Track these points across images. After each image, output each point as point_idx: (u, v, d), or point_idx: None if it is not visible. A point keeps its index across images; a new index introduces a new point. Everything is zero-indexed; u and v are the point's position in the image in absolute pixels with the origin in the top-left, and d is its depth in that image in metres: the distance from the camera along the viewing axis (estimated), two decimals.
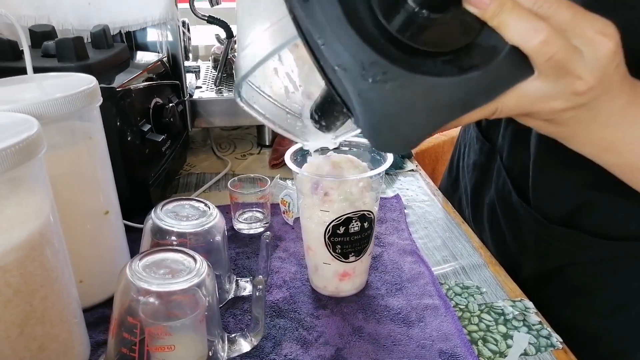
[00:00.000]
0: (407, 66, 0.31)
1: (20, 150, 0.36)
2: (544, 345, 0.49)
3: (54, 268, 0.41)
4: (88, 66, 0.63)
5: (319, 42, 0.31)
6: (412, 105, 0.32)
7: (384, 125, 0.32)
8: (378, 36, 0.31)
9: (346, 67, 0.31)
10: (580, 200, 0.53)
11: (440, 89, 0.32)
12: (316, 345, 0.49)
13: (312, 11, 0.30)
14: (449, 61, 0.32)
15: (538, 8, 0.31)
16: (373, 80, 0.31)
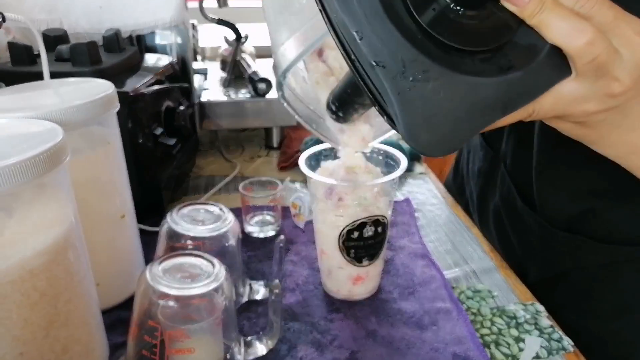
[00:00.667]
0: (448, 64, 0.30)
1: (47, 158, 0.36)
2: (556, 348, 0.50)
3: (77, 272, 0.42)
4: (102, 71, 0.64)
5: (356, 36, 0.30)
6: (453, 106, 0.31)
7: (425, 127, 0.31)
8: (415, 32, 0.30)
9: (385, 64, 0.30)
10: (583, 206, 0.54)
11: (483, 90, 0.31)
12: (331, 348, 0.50)
13: (348, 2, 0.29)
14: (487, 60, 0.32)
15: (580, 7, 0.31)
16: (414, 79, 0.30)
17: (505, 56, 0.32)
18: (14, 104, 0.47)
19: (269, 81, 0.91)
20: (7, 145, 0.38)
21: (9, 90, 0.51)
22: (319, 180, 0.51)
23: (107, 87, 0.50)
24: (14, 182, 0.35)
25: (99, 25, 0.77)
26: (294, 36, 0.43)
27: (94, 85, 0.51)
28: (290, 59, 0.42)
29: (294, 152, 0.91)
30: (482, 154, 0.69)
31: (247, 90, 0.97)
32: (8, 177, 0.34)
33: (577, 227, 0.55)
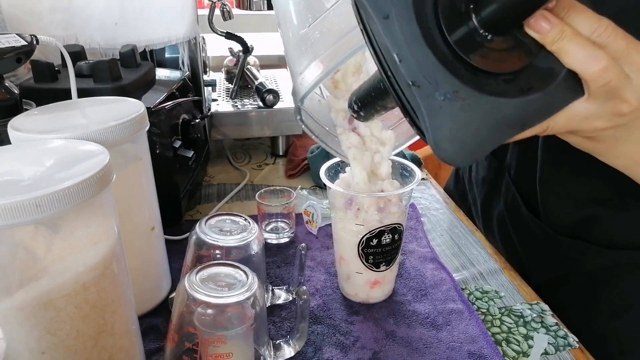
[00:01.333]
0: (475, 86, 0.34)
1: (97, 180, 0.39)
2: (562, 345, 0.54)
3: (121, 284, 0.45)
4: (122, 87, 0.66)
5: (396, 58, 0.33)
6: (478, 123, 0.34)
7: (451, 140, 0.34)
8: (448, 55, 0.33)
9: (420, 84, 0.33)
10: (585, 213, 0.58)
11: (504, 109, 0.34)
12: (354, 350, 0.53)
13: (391, 28, 0.33)
14: (509, 81, 0.35)
15: (597, 37, 0.34)
16: (444, 98, 0.33)
17: (526, 78, 0.36)
18: (51, 124, 0.50)
19: (276, 92, 0.94)
20: (58, 168, 0.41)
21: (43, 110, 0.54)
22: (339, 191, 0.54)
23: (139, 106, 0.53)
24: (67, 205, 0.37)
25: (113, 41, 0.79)
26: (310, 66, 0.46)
27: (126, 105, 0.54)
28: (307, 87, 0.46)
29: (301, 160, 0.94)
30: (486, 163, 0.73)
31: (253, 100, 1.00)
32: (62, 201, 0.37)
33: (580, 233, 0.59)
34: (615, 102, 0.36)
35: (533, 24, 0.34)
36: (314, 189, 0.89)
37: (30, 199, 0.35)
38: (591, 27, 0.34)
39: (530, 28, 0.34)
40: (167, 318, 0.57)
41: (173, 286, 0.62)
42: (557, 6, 0.35)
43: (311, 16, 0.50)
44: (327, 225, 0.76)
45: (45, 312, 0.39)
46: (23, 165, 0.41)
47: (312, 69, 0.45)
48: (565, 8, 0.34)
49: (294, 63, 0.50)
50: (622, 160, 0.43)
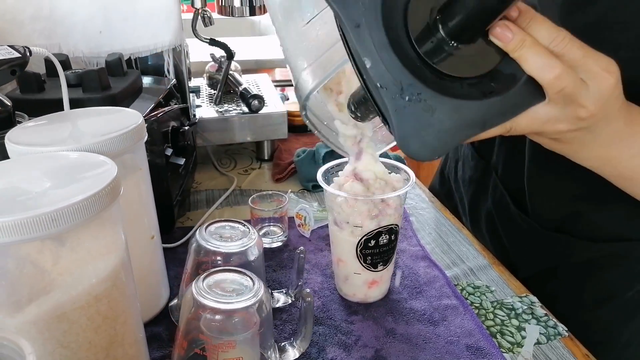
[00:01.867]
0: (438, 88, 0.37)
1: (107, 193, 0.39)
2: (553, 334, 0.57)
3: (130, 294, 0.45)
4: (112, 96, 0.66)
5: (366, 63, 0.36)
6: (440, 122, 0.37)
7: (415, 137, 0.38)
8: (415, 60, 0.37)
9: (387, 87, 0.36)
10: (571, 209, 0.61)
11: (465, 110, 0.38)
12: (356, 348, 0.55)
13: (362, 35, 0.36)
14: (474, 84, 0.38)
15: (555, 46, 0.37)
16: (409, 99, 0.36)
17: (489, 82, 0.39)
18: (51, 136, 0.49)
19: (262, 97, 0.95)
20: (66, 181, 0.41)
21: (38, 122, 0.53)
22: (337, 195, 0.56)
23: (136, 116, 0.53)
24: (80, 219, 0.37)
25: (98, 49, 0.79)
26: (315, 63, 0.48)
27: (122, 115, 0.54)
28: (313, 84, 0.47)
29: (288, 164, 0.95)
30: (473, 163, 0.75)
31: (236, 105, 1.00)
32: (75, 215, 0.37)
33: (565, 228, 0.62)
34: (573, 107, 0.39)
35: (497, 33, 0.37)
36: (302, 192, 0.90)
37: (44, 214, 0.35)
38: (550, 37, 0.37)
39: (495, 36, 0.37)
40: (169, 326, 0.58)
41: (171, 294, 0.63)
42: (520, 17, 0.38)
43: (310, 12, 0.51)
44: (319, 227, 0.78)
45: (58, 325, 0.39)
46: (30, 180, 0.41)
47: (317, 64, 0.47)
48: (527, 19, 0.37)
49: (296, 59, 0.51)
50: (590, 161, 0.47)
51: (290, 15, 0.54)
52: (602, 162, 0.46)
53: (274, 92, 1.08)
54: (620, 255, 0.60)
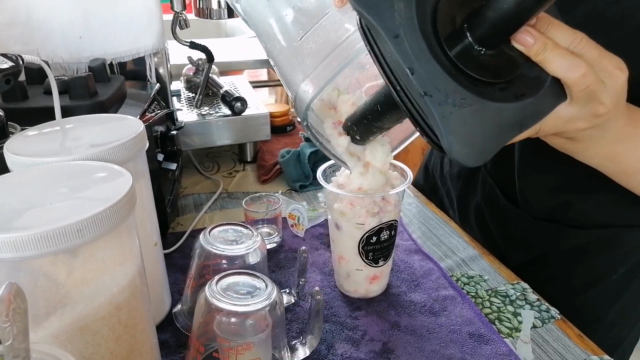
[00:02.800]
0: (478, 93, 0.38)
1: (127, 202, 0.39)
2: (547, 317, 0.60)
3: (146, 302, 0.45)
4: (100, 103, 0.65)
5: (408, 72, 0.37)
6: (484, 126, 0.38)
7: (463, 143, 0.38)
8: (451, 68, 0.38)
9: (432, 94, 0.37)
10: (559, 200, 0.65)
11: (505, 113, 0.39)
12: (364, 343, 0.56)
13: (401, 45, 0.36)
14: (504, 89, 0.40)
15: (574, 47, 0.39)
16: (454, 105, 0.37)
17: (518, 86, 0.41)
18: (52, 146, 0.48)
19: (244, 100, 0.95)
20: (82, 191, 0.40)
21: (34, 132, 0.52)
22: (339, 194, 0.57)
23: (137, 123, 0.52)
24: (101, 230, 0.37)
25: (78, 55, 0.77)
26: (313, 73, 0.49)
27: (121, 122, 0.53)
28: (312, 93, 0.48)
29: (273, 165, 0.96)
30: None
31: (218, 108, 1.00)
32: (96, 226, 0.37)
33: (555, 217, 0.66)
34: (593, 104, 0.41)
35: (519, 38, 0.39)
36: (290, 193, 0.91)
37: (66, 226, 0.35)
38: (569, 39, 0.39)
39: (517, 42, 0.39)
40: (175, 332, 0.58)
41: (173, 300, 0.62)
42: (538, 23, 0.40)
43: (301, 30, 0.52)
44: (312, 226, 0.79)
45: (81, 337, 0.39)
46: (40, 192, 0.40)
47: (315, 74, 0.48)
48: (545, 24, 0.40)
49: (292, 73, 0.52)
50: (597, 159, 0.49)
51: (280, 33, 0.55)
52: (608, 159, 0.49)
53: (253, 93, 1.08)
54: (606, 241, 0.64)
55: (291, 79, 0.52)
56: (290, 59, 0.52)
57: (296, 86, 0.51)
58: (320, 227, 0.79)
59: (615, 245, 0.64)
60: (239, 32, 2.15)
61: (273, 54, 0.57)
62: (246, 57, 1.69)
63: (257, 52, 1.76)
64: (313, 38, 0.51)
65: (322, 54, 0.49)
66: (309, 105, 0.50)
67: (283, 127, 1.14)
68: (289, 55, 0.53)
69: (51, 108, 0.58)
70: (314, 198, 0.89)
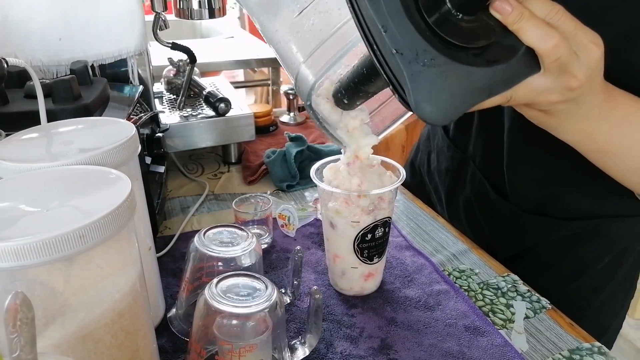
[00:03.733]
0: (449, 55, 0.39)
1: (127, 206, 0.39)
2: (538, 308, 0.61)
3: (146, 307, 0.44)
4: (85, 106, 0.64)
5: (381, 30, 0.38)
6: (452, 87, 0.39)
7: (430, 101, 0.39)
8: (425, 29, 0.39)
9: (403, 52, 0.38)
10: (548, 192, 0.66)
11: (474, 76, 0.40)
12: (362, 340, 0.56)
13: (377, 4, 0.37)
14: (478, 54, 0.41)
15: (550, 18, 0.40)
16: (423, 64, 0.38)
17: (492, 53, 0.42)
18: (41, 151, 0.47)
19: (228, 100, 0.94)
20: (78, 197, 0.39)
21: (20, 137, 0.50)
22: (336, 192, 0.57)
23: (128, 127, 0.51)
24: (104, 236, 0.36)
25: (57, 57, 0.75)
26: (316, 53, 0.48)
27: (110, 126, 0.52)
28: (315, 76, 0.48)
29: (258, 166, 0.95)
30: (449, 154, 0.79)
31: (201, 109, 0.99)
32: (98, 232, 0.36)
33: (543, 210, 0.67)
34: (566, 77, 0.42)
35: (497, 6, 0.40)
36: (277, 193, 0.90)
37: (68, 233, 0.34)
38: (545, 10, 0.40)
39: (495, 10, 0.40)
40: (170, 337, 0.57)
41: (166, 304, 0.61)
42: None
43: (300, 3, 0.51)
44: (302, 226, 0.78)
45: (83, 345, 0.38)
46: (35, 198, 0.39)
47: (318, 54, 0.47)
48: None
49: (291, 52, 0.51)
50: (572, 134, 0.50)
51: (278, 8, 0.54)
52: (583, 136, 0.49)
53: (235, 94, 1.07)
54: (592, 232, 0.66)
55: (290, 57, 0.51)
56: (289, 36, 0.51)
57: (296, 66, 0.50)
58: (310, 226, 0.79)
59: (601, 235, 0.66)
60: (215, 32, 2.12)
61: (269, 29, 0.55)
62: (224, 58, 1.67)
63: (234, 53, 1.75)
64: (313, 13, 0.50)
65: (325, 33, 0.48)
66: (314, 86, 0.49)
67: (266, 127, 1.14)
68: (287, 31, 0.51)
69: (34, 112, 0.57)
70: (302, 198, 0.89)
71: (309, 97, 0.49)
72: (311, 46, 0.48)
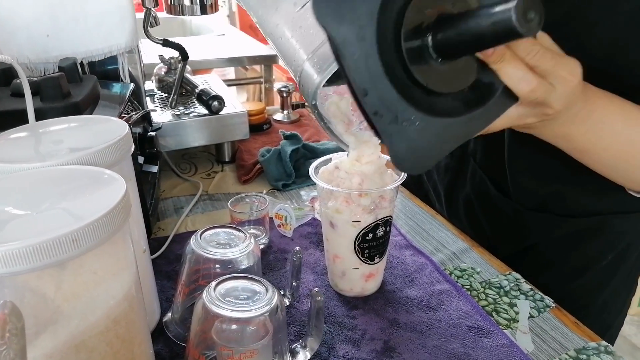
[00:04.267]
0: (427, 109, 0.40)
1: (122, 208, 0.37)
2: (542, 307, 0.60)
3: (143, 314, 0.42)
4: (75, 105, 0.61)
5: (363, 92, 0.38)
6: (429, 140, 0.41)
7: (408, 157, 0.41)
8: (405, 81, 0.39)
9: (382, 114, 0.39)
10: (550, 189, 0.65)
11: (452, 127, 0.41)
12: (365, 342, 0.55)
13: (358, 67, 0.37)
14: (457, 97, 0.41)
15: (530, 59, 0.41)
16: (402, 123, 0.39)
17: (470, 92, 0.42)
18: (31, 151, 0.45)
19: (222, 98, 0.92)
20: (70, 199, 0.37)
21: (7, 136, 0.48)
22: (336, 190, 0.56)
23: (120, 125, 0.49)
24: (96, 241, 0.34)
25: (45, 54, 0.73)
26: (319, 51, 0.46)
27: (105, 124, 0.50)
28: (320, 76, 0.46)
29: (253, 165, 0.94)
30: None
31: (193, 108, 0.97)
32: (90, 236, 0.34)
33: (545, 207, 0.66)
34: (542, 107, 0.45)
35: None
36: (272, 192, 0.89)
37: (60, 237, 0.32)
38: (526, 50, 0.41)
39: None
40: (166, 342, 0.55)
41: (161, 308, 0.59)
42: None
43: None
44: (299, 226, 0.77)
45: (77, 355, 0.36)
46: (28, 200, 0.37)
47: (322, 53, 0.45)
48: None
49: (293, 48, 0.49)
50: (550, 138, 0.52)
51: (278, 1, 0.52)
52: (561, 138, 0.52)
53: (228, 92, 1.05)
54: (595, 229, 0.65)
55: (293, 54, 0.49)
56: (291, 31, 0.49)
57: (300, 63, 0.48)
58: (307, 226, 0.77)
59: (604, 232, 0.65)
60: (205, 30, 2.10)
61: (268, 24, 0.53)
62: (215, 56, 1.65)
63: (225, 50, 1.72)
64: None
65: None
66: (319, 86, 0.47)
67: (259, 125, 1.12)
68: (289, 26, 0.49)
69: (21, 111, 0.55)
70: (298, 196, 0.87)
71: (314, 96, 0.47)
72: (315, 42, 0.46)
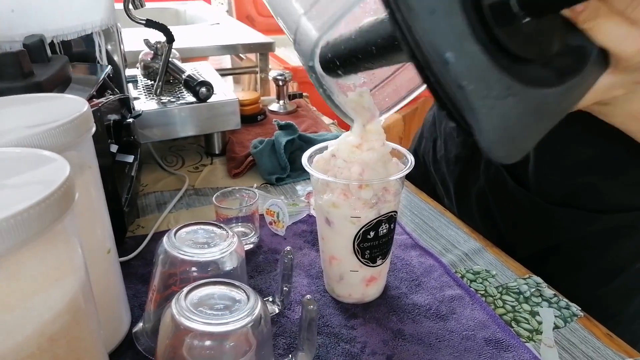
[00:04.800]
0: (521, 79, 0.31)
1: (61, 197, 0.29)
2: (568, 315, 0.53)
3: (93, 328, 0.35)
4: (37, 84, 0.54)
5: (448, 58, 0.28)
6: (527, 116, 0.32)
7: (504, 139, 0.32)
8: (491, 46, 0.30)
9: (472, 86, 0.29)
10: (580, 181, 0.58)
11: (548, 101, 0.33)
12: (365, 357, 0.47)
13: (438, 24, 0.28)
14: (545, 65, 0.33)
15: (631, 12, 0.32)
16: (497, 97, 0.30)
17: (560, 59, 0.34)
18: None
19: (210, 84, 0.84)
20: (9, 187, 0.30)
21: None
22: (332, 181, 0.48)
23: (79, 103, 0.42)
24: (18, 238, 0.27)
25: (10, 31, 0.65)
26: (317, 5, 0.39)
27: (61, 102, 0.43)
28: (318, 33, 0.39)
29: (244, 157, 0.86)
30: (459, 140, 0.70)
31: (181, 95, 0.89)
32: (13, 232, 0.27)
33: (572, 201, 0.58)
34: (637, 74, 0.36)
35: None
36: (265, 187, 0.81)
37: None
38: (626, 2, 0.32)
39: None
40: (136, 356, 0.48)
41: (133, 317, 0.52)
42: None
43: None
44: (293, 223, 0.69)
45: None
46: None
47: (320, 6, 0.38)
48: None
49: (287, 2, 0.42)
50: (622, 118, 0.44)
51: None
52: (632, 117, 0.43)
53: (219, 79, 0.98)
54: (628, 226, 0.57)
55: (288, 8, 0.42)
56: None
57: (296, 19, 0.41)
58: (302, 223, 0.70)
59: (638, 230, 0.57)
60: (199, 19, 2.02)
61: None
62: (209, 43, 1.57)
63: (220, 39, 1.65)
64: None
65: None
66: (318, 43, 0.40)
67: (253, 116, 1.04)
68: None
69: None
70: (293, 191, 0.80)
71: (312, 56, 0.40)
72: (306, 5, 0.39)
